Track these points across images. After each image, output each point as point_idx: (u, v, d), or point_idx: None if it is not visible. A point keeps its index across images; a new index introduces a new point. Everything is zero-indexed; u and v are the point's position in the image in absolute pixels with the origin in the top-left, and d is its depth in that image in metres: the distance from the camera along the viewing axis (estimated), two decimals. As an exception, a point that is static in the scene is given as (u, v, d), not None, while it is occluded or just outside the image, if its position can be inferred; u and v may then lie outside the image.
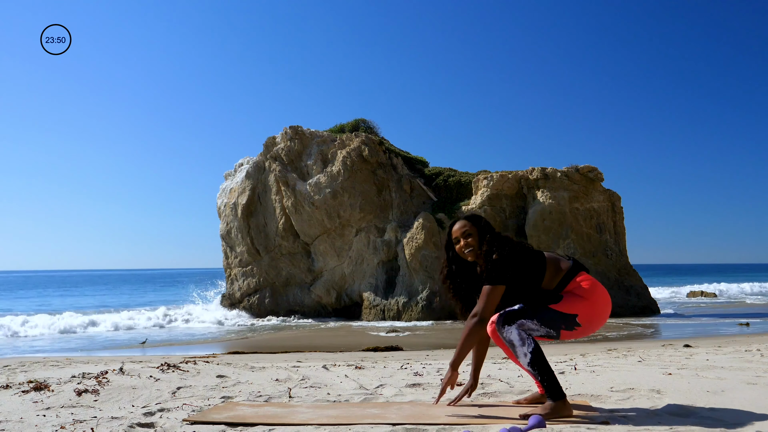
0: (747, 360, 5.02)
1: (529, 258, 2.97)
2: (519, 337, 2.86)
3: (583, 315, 2.88)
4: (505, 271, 2.90)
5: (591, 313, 2.90)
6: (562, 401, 2.84)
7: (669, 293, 33.06)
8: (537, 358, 2.85)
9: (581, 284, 2.94)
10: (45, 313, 21.24)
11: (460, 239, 3.07)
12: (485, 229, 3.06)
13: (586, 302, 2.90)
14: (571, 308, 2.88)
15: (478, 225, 3.07)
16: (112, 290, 52.07)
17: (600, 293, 2.94)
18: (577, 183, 19.55)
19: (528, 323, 2.87)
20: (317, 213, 20.63)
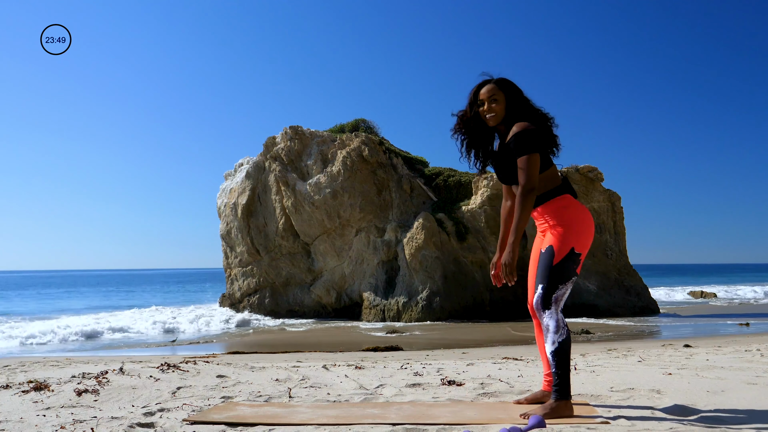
0: (747, 360, 5.02)
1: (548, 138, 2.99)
2: (556, 324, 2.85)
3: (578, 244, 2.90)
4: (539, 139, 2.88)
5: (580, 240, 2.91)
6: (566, 402, 2.84)
7: (669, 293, 33.05)
8: (562, 350, 2.84)
9: (566, 204, 2.94)
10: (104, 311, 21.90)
11: (486, 102, 2.99)
12: (513, 96, 2.99)
13: (573, 232, 2.90)
14: (566, 247, 2.88)
15: (506, 91, 2.99)
16: (137, 289, 51.94)
17: (582, 216, 2.94)
18: (577, 183, 19.56)
19: (558, 293, 2.86)
20: (317, 213, 20.64)
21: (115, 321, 19.09)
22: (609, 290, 19.32)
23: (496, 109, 2.97)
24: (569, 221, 2.92)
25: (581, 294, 19.09)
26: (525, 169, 2.84)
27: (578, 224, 2.92)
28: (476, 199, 19.84)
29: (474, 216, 19.59)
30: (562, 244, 2.89)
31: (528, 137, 2.85)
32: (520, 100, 3.00)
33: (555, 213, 2.95)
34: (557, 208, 2.95)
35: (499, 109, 2.97)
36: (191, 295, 42.63)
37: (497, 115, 2.98)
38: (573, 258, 2.89)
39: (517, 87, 3.03)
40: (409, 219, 20.12)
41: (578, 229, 2.92)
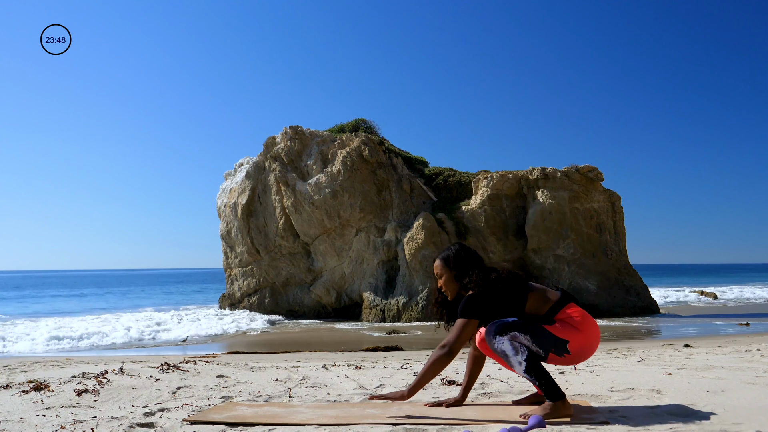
0: (747, 360, 5.02)
1: (508, 290, 2.95)
2: (512, 347, 2.86)
3: (574, 344, 2.88)
4: (478, 307, 2.92)
5: (582, 344, 2.89)
6: (562, 401, 2.84)
7: (669, 293, 33.06)
8: (532, 364, 2.85)
9: (572, 315, 2.93)
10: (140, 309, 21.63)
11: (437, 278, 3.16)
12: (460, 266, 3.06)
13: (578, 333, 2.88)
14: (563, 334, 2.87)
15: (449, 265, 3.08)
16: (135, 290, 51.88)
17: (591, 326, 2.93)
18: (577, 183, 19.55)
19: (520, 337, 2.87)
20: (317, 213, 20.63)
21: (101, 325, 19.03)
22: (609, 290, 19.32)
23: (443, 284, 3.11)
24: (578, 325, 2.89)
25: (581, 294, 19.08)
26: (455, 330, 2.93)
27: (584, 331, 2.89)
28: (476, 199, 19.83)
29: (474, 216, 19.58)
30: (564, 330, 2.88)
31: (468, 305, 2.92)
32: (467, 269, 3.04)
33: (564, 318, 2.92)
34: (567, 314, 2.93)
35: (446, 284, 3.10)
36: (190, 296, 42.66)
37: (448, 289, 3.10)
38: (560, 345, 2.87)
39: (462, 257, 3.08)
40: (409, 219, 20.12)
41: (587, 335, 2.89)
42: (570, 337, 2.87)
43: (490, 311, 2.95)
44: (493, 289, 2.93)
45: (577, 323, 2.89)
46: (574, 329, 2.88)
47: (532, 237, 19.25)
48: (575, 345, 2.87)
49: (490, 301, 2.93)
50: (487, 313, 2.95)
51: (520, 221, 19.84)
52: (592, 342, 2.92)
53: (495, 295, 2.93)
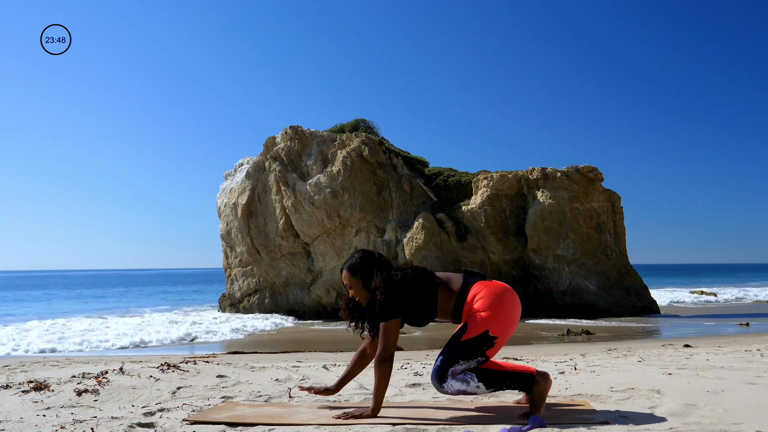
0: (747, 360, 5.02)
1: (418, 286, 2.99)
2: (461, 382, 2.87)
3: (493, 328, 2.88)
4: (394, 306, 2.94)
5: (499, 322, 2.89)
6: (534, 383, 2.86)
7: (669, 293, 33.07)
8: (488, 381, 2.87)
9: (474, 305, 2.94)
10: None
11: (347, 289, 3.16)
12: (366, 273, 3.07)
13: (488, 316, 2.89)
14: (479, 328, 2.88)
15: (355, 274, 3.09)
16: (134, 290, 51.82)
17: (497, 300, 2.92)
18: (577, 183, 19.55)
19: (457, 367, 2.87)
20: (317, 213, 20.64)
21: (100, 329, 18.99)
22: (609, 290, 19.32)
23: (355, 294, 3.13)
24: (487, 305, 2.91)
25: (581, 294, 19.09)
26: (383, 336, 2.95)
27: (496, 307, 2.91)
28: (476, 199, 19.84)
29: (474, 216, 19.59)
30: (477, 324, 2.89)
31: (383, 309, 2.94)
32: (370, 272, 3.06)
33: (472, 305, 2.96)
34: (471, 300, 2.96)
35: (356, 293, 3.12)
36: (189, 296, 42.68)
37: (360, 297, 3.12)
38: (485, 339, 2.88)
39: (367, 263, 3.09)
40: (409, 219, 20.12)
41: (496, 311, 2.90)
42: (485, 325, 2.87)
43: (406, 309, 2.98)
44: (401, 289, 2.95)
45: (482, 308, 2.90)
46: (483, 317, 2.88)
47: (532, 237, 19.26)
48: (495, 328, 2.88)
49: (401, 300, 2.95)
50: (403, 311, 2.97)
51: (520, 221, 19.85)
52: (508, 314, 2.92)
53: (404, 294, 2.96)
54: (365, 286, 3.07)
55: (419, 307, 2.99)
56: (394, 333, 2.95)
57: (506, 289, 2.96)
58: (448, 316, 3.03)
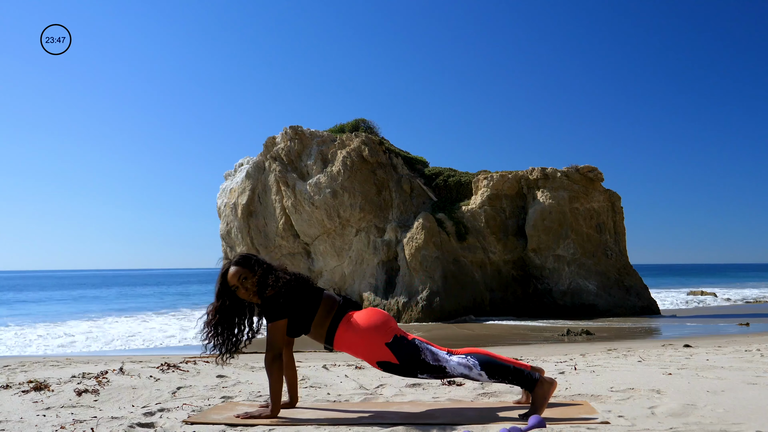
0: (747, 360, 5.02)
1: (305, 290, 3.02)
2: (463, 366, 2.87)
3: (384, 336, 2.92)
4: (281, 306, 2.95)
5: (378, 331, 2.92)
6: (539, 383, 2.86)
7: (668, 293, 33.06)
8: (491, 371, 2.87)
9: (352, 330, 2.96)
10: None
11: (239, 286, 3.03)
12: (257, 267, 3.04)
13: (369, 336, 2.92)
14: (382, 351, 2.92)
15: (250, 267, 3.04)
16: (132, 290, 51.77)
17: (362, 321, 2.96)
18: (577, 183, 19.55)
19: (426, 360, 2.90)
20: (317, 213, 20.63)
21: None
22: (609, 290, 19.31)
23: (250, 287, 3.01)
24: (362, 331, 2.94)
25: (581, 294, 19.09)
26: (270, 336, 2.96)
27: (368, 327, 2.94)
28: (476, 199, 19.83)
29: (474, 216, 19.59)
30: (377, 351, 2.92)
31: (275, 303, 2.94)
32: (262, 269, 3.03)
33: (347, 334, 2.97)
34: (346, 330, 2.98)
35: (252, 285, 3.01)
36: (189, 297, 42.69)
37: (257, 290, 3.01)
38: (397, 343, 2.91)
39: (257, 259, 3.08)
40: (409, 219, 20.12)
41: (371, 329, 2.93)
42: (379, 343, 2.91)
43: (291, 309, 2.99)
44: (292, 287, 2.98)
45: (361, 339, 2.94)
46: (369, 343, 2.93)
47: (532, 237, 19.25)
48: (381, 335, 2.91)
49: (289, 298, 2.96)
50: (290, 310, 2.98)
51: (520, 221, 19.84)
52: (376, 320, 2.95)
53: (294, 293, 2.98)
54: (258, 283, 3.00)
55: (300, 314, 3.01)
56: (280, 333, 2.96)
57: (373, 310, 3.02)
58: (321, 337, 3.03)
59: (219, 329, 3.09)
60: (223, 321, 3.09)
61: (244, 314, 3.16)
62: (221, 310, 3.08)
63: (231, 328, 3.12)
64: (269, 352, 2.94)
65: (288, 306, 2.97)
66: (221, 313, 3.08)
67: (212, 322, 3.10)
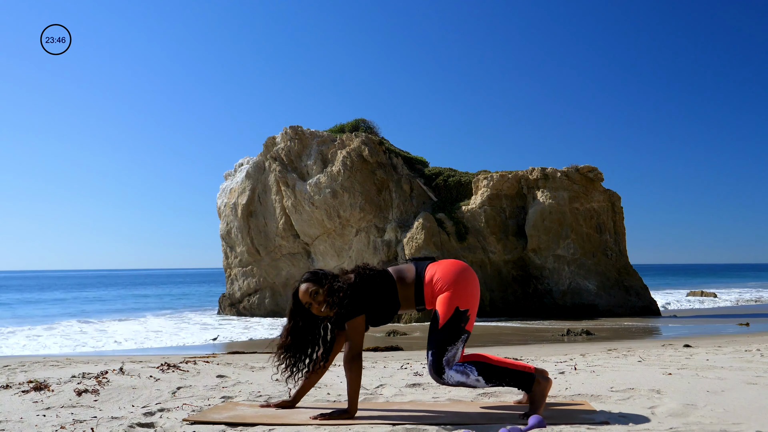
0: (747, 360, 5.02)
1: (376, 282, 3.00)
2: (460, 374, 2.88)
3: (462, 302, 2.90)
4: (355, 302, 2.93)
5: (464, 297, 2.92)
6: (536, 383, 2.88)
7: (668, 293, 33.06)
8: (488, 375, 2.88)
9: (434, 287, 2.96)
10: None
11: (312, 302, 3.03)
12: (325, 280, 3.03)
13: (452, 293, 2.91)
14: (449, 309, 2.90)
15: (318, 280, 3.03)
16: (145, 290, 51.64)
17: (454, 276, 2.94)
18: (577, 183, 19.55)
19: (448, 355, 2.88)
20: (317, 213, 20.63)
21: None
22: (609, 290, 19.32)
23: (321, 299, 3.01)
24: (447, 283, 2.93)
25: (581, 294, 19.09)
26: (350, 335, 2.94)
27: (456, 282, 2.93)
28: (476, 199, 19.83)
29: (474, 216, 19.59)
30: (446, 307, 2.90)
31: (349, 301, 2.92)
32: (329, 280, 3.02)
33: (432, 287, 2.97)
34: (429, 282, 2.97)
35: (323, 296, 3.01)
36: (189, 299, 42.64)
37: (329, 302, 3.00)
38: (460, 316, 2.89)
39: (324, 272, 3.07)
40: (409, 219, 20.12)
41: (458, 286, 2.92)
42: (453, 303, 2.89)
43: (369, 306, 2.97)
44: (362, 287, 2.96)
45: (443, 288, 2.92)
46: (446, 296, 2.91)
47: (532, 237, 19.25)
48: (463, 302, 2.90)
49: (362, 294, 2.95)
50: (366, 308, 2.97)
51: (520, 221, 19.84)
52: (468, 285, 2.94)
53: (365, 288, 2.96)
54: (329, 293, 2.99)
55: (381, 302, 2.99)
56: (360, 331, 2.94)
57: (459, 264, 3.00)
58: (412, 305, 3.03)
59: (292, 351, 3.12)
60: (296, 343, 3.12)
61: (318, 334, 3.15)
62: (293, 331, 3.11)
63: (304, 350, 3.14)
64: (349, 351, 2.92)
65: (361, 301, 2.94)
66: (293, 334, 3.11)
67: (285, 344, 3.13)
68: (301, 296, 3.04)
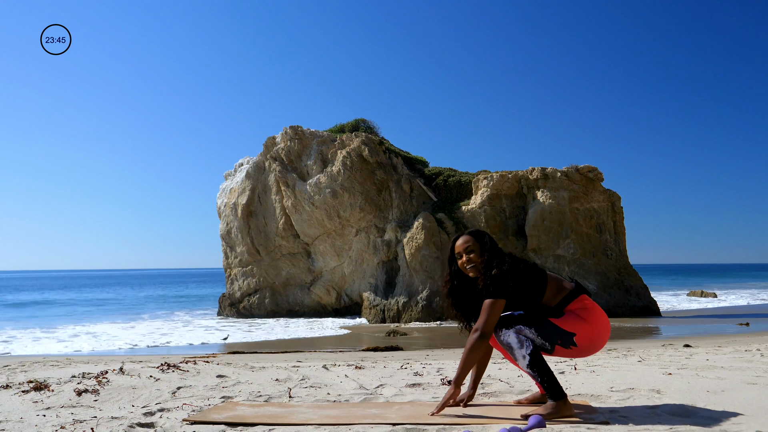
0: (747, 360, 5.01)
1: (530, 274, 2.95)
2: (517, 340, 2.86)
3: (582, 336, 2.87)
4: (504, 286, 2.89)
5: (590, 336, 2.88)
6: (563, 401, 2.84)
7: (668, 293, 33.04)
8: (536, 360, 2.85)
9: (585, 305, 2.92)
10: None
11: (463, 254, 3.05)
12: (488, 245, 3.03)
13: (586, 324, 2.87)
14: (571, 326, 2.87)
15: (480, 241, 3.04)
16: (145, 290, 51.52)
17: (601, 318, 2.92)
18: (577, 183, 19.55)
19: (525, 330, 2.87)
20: (317, 213, 20.63)
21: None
22: (609, 290, 19.32)
23: (474, 259, 3.01)
24: (591, 318, 2.89)
25: (581, 294, 19.10)
26: (485, 312, 2.88)
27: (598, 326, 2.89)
28: (476, 199, 19.83)
29: (474, 216, 19.58)
30: (573, 322, 2.87)
31: (498, 282, 2.88)
32: (494, 248, 3.02)
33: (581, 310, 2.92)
34: (581, 306, 2.92)
35: (477, 258, 3.01)
36: (189, 299, 42.67)
37: (476, 264, 3.01)
38: (567, 336, 2.86)
39: (490, 236, 3.08)
40: (409, 219, 20.12)
41: (596, 328, 2.88)
42: (578, 329, 2.86)
43: (514, 293, 2.93)
44: (518, 270, 2.92)
45: (588, 314, 2.88)
46: (582, 321, 2.87)
47: (532, 237, 19.25)
48: (583, 337, 2.86)
49: (514, 281, 2.90)
50: (512, 293, 2.92)
51: (520, 221, 19.84)
52: (601, 334, 2.91)
53: (519, 277, 2.91)
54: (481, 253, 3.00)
55: (525, 293, 2.95)
56: (496, 313, 2.87)
57: (607, 319, 2.97)
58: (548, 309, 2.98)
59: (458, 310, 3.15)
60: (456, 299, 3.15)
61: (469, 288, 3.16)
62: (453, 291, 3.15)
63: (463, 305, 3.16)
64: (480, 329, 2.86)
65: (511, 287, 2.90)
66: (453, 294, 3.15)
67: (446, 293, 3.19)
68: (458, 245, 3.06)
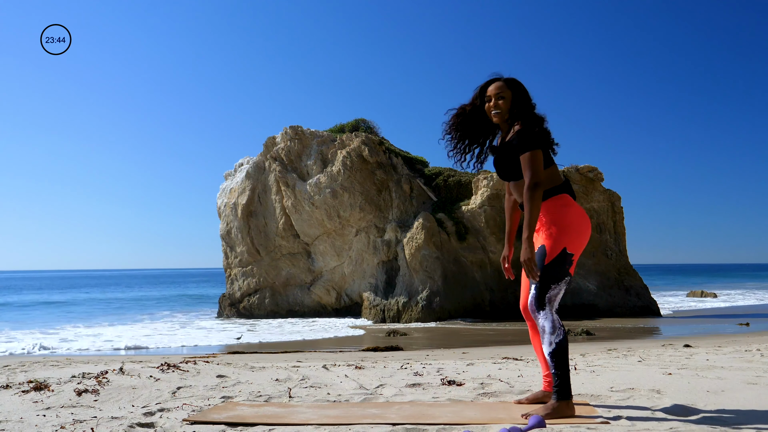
0: (747, 360, 5.01)
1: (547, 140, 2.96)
2: (552, 325, 2.84)
3: (570, 245, 2.88)
4: (539, 137, 2.88)
5: (576, 241, 2.89)
6: (567, 402, 2.83)
7: (668, 293, 33.05)
8: (560, 351, 2.83)
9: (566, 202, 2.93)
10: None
11: (492, 98, 3.00)
12: (519, 96, 2.99)
13: (567, 234, 2.88)
14: (558, 247, 2.87)
15: (513, 90, 3.00)
16: (144, 290, 51.57)
17: (572, 214, 2.92)
18: (577, 183, 19.55)
19: (551, 293, 2.86)
20: (317, 213, 20.63)
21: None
22: (609, 290, 19.32)
23: (502, 106, 2.98)
24: (564, 221, 2.90)
25: (581, 294, 19.08)
26: (529, 165, 2.85)
27: (573, 225, 2.91)
28: (476, 199, 19.83)
29: (474, 216, 19.58)
30: (555, 244, 2.87)
31: (532, 134, 2.86)
32: (526, 100, 3.00)
33: (551, 211, 2.93)
34: (554, 207, 2.93)
35: (505, 107, 2.98)
36: (190, 300, 42.64)
37: (502, 111, 2.99)
38: (565, 258, 2.88)
39: (524, 88, 3.04)
40: (409, 219, 20.12)
41: (572, 229, 2.90)
42: (563, 243, 2.87)
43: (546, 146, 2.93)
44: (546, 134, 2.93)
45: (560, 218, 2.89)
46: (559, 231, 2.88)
47: (532, 237, 19.25)
48: (574, 243, 2.88)
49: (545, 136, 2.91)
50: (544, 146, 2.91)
51: (521, 221, 19.84)
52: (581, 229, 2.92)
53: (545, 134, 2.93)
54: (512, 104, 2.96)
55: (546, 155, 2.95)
56: (540, 162, 2.84)
57: (583, 212, 2.98)
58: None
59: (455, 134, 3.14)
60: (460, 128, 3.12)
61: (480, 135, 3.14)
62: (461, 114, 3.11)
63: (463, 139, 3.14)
64: (532, 178, 2.81)
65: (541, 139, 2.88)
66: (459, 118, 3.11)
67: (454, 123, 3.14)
68: (491, 88, 3.01)
